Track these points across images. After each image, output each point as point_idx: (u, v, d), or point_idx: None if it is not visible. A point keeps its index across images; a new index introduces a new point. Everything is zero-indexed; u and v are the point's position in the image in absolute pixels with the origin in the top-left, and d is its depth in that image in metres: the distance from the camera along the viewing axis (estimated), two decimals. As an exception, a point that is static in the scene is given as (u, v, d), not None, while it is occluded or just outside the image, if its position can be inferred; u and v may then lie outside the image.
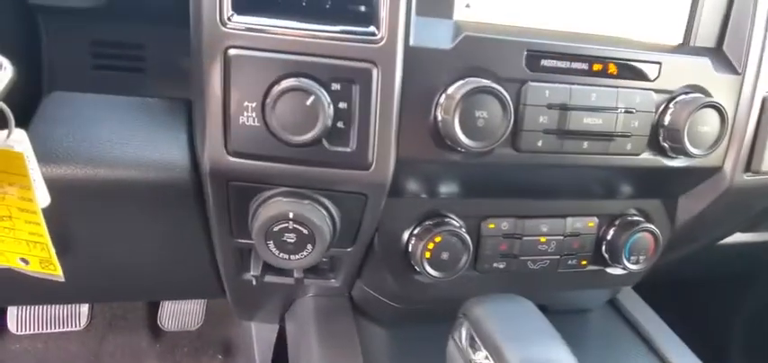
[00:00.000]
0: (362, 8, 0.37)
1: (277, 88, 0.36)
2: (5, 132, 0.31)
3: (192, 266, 0.55)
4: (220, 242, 0.47)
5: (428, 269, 0.46)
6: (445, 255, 0.46)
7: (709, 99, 0.44)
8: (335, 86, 0.37)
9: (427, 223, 0.47)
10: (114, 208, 0.45)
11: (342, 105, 0.37)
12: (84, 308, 0.99)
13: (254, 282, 0.50)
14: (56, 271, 0.36)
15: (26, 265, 0.36)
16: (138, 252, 0.52)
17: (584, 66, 0.42)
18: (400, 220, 0.47)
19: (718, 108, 0.44)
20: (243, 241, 0.46)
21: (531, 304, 0.40)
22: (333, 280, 0.54)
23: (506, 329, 0.37)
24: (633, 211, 0.53)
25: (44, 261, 0.35)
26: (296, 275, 0.49)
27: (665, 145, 0.45)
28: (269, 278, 0.51)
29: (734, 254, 0.73)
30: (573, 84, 0.42)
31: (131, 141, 0.43)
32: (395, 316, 0.56)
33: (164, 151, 0.44)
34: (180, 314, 1.04)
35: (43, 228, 0.34)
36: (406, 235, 0.48)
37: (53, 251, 0.35)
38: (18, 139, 0.31)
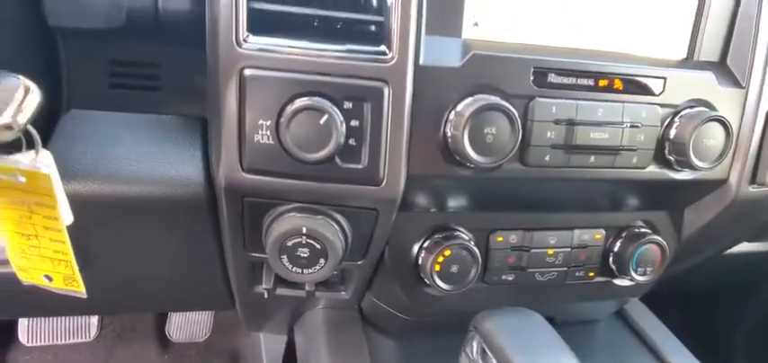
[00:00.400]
0: (373, 28, 0.38)
1: (291, 107, 0.37)
2: (33, 153, 0.32)
3: (204, 279, 0.56)
4: (233, 255, 0.48)
5: (438, 282, 0.46)
6: (455, 268, 0.46)
7: (713, 113, 0.44)
8: (347, 105, 0.38)
9: (437, 236, 0.47)
10: (130, 223, 0.46)
11: (354, 123, 0.38)
12: (94, 320, 1.00)
13: (265, 295, 0.50)
14: (79, 288, 0.37)
15: (50, 282, 0.37)
16: (151, 265, 0.53)
17: (590, 82, 0.43)
18: (410, 234, 0.48)
19: (722, 121, 0.44)
20: (256, 255, 0.46)
21: (540, 317, 0.40)
22: (343, 293, 0.55)
23: (517, 342, 0.37)
24: (640, 223, 0.54)
25: (68, 278, 0.36)
26: (307, 288, 0.50)
27: (671, 158, 0.46)
28: (280, 291, 0.52)
29: (740, 264, 0.74)
30: (579, 99, 0.42)
31: (147, 158, 0.44)
32: (404, 328, 0.57)
33: (178, 167, 0.45)
34: (188, 325, 1.05)
35: (68, 246, 0.35)
36: (415, 249, 0.48)
37: (76, 268, 0.36)
38: (45, 161, 0.32)
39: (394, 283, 0.50)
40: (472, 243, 0.47)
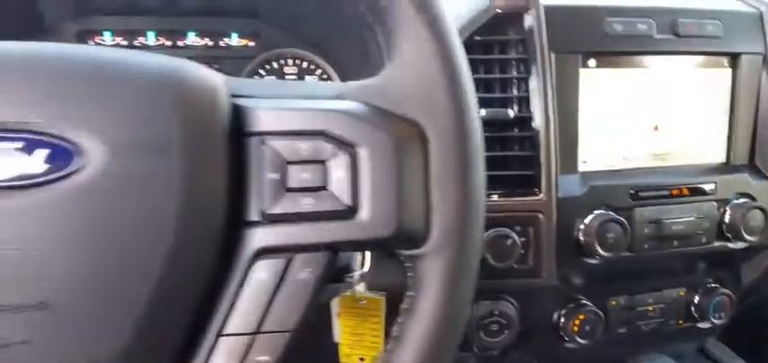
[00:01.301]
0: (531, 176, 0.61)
1: (487, 234, 0.59)
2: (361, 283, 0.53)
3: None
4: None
5: (577, 338, 0.67)
6: (588, 328, 0.67)
7: (754, 202, 0.65)
8: (518, 228, 0.60)
9: (570, 305, 0.68)
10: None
11: (522, 239, 0.60)
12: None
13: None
14: None
15: (361, 362, 0.57)
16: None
17: (668, 193, 0.64)
18: (551, 305, 0.68)
19: (761, 208, 0.65)
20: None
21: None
22: (494, 352, 0.75)
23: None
24: (710, 280, 0.73)
25: (374, 360, 0.56)
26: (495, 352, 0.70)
27: (728, 235, 0.66)
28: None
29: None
30: (662, 205, 0.64)
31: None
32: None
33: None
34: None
35: (381, 341, 0.55)
36: (556, 315, 0.69)
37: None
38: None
39: (539, 342, 0.70)
40: (596, 308, 0.68)
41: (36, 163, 0.26)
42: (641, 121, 0.67)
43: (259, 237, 0.30)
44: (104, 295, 0.27)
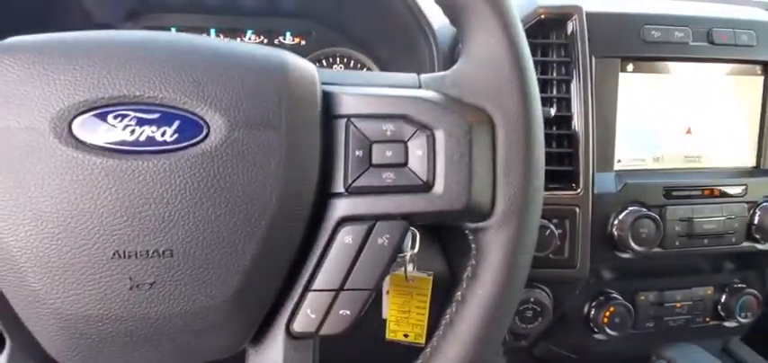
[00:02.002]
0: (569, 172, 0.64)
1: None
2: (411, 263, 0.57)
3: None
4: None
5: (607, 330, 0.70)
6: (617, 320, 0.70)
7: (782, 205, 0.68)
8: (555, 221, 0.63)
9: (601, 298, 0.71)
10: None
11: (559, 231, 0.63)
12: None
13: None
14: (422, 341, 0.61)
15: (405, 338, 0.61)
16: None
17: (700, 193, 0.67)
18: (582, 297, 0.72)
19: (789, 210, 0.68)
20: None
21: (702, 349, 0.63)
22: (523, 342, 0.78)
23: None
24: (737, 280, 0.76)
25: (417, 336, 0.60)
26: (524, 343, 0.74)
27: (757, 236, 0.69)
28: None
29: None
30: (694, 204, 0.67)
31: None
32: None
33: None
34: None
35: (425, 318, 0.59)
36: (586, 308, 0.72)
37: (425, 330, 0.60)
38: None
39: (570, 332, 0.73)
40: (625, 301, 0.71)
41: (168, 132, 0.31)
42: (675, 124, 0.70)
43: (344, 206, 0.35)
44: (218, 247, 0.32)
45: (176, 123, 0.31)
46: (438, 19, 0.70)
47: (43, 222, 0.30)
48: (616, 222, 0.65)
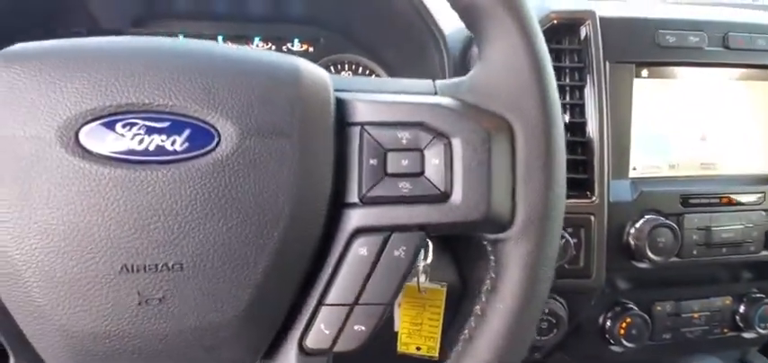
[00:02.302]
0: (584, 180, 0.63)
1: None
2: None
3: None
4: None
5: (624, 342, 0.68)
6: (634, 331, 0.68)
7: (800, 213, 0.66)
8: (570, 230, 0.62)
9: (617, 309, 0.69)
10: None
11: (574, 240, 0.62)
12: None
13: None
14: (435, 355, 0.59)
15: (418, 351, 0.60)
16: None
17: (718, 201, 0.66)
18: (597, 308, 0.70)
19: (807, 219, 0.66)
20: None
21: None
22: (536, 354, 0.77)
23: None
24: (755, 290, 0.74)
25: (430, 349, 0.59)
26: (537, 355, 0.72)
27: (776, 245, 0.67)
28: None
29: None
30: (712, 212, 0.65)
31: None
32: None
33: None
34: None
35: (439, 331, 0.58)
36: (601, 318, 0.70)
37: (439, 343, 0.59)
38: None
39: (585, 344, 0.72)
40: (642, 312, 0.69)
41: (179, 141, 0.29)
42: (690, 130, 0.68)
43: (359, 217, 0.33)
44: (229, 260, 0.30)
45: (187, 131, 0.30)
46: (448, 23, 0.69)
47: (49, 235, 0.28)
48: (632, 231, 0.63)
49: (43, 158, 0.28)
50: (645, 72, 0.66)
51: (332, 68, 0.79)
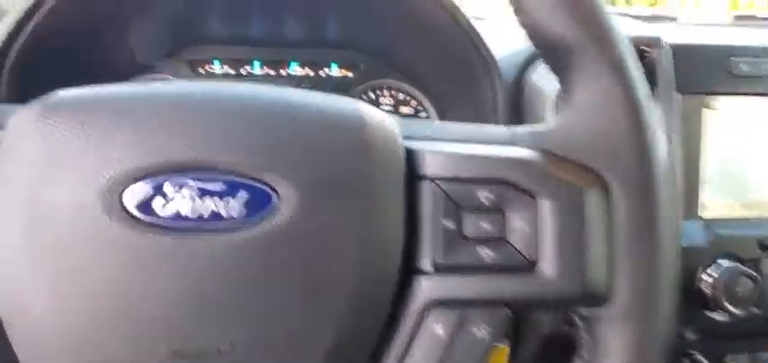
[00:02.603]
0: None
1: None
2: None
3: None
4: None
5: (695, 395, 0.62)
6: (705, 385, 0.62)
7: None
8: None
9: (685, 361, 0.63)
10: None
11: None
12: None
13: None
14: None
15: None
16: None
17: (801, 245, 0.60)
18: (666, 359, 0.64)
19: None
20: None
21: None
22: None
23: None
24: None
25: None
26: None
27: None
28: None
29: None
30: (793, 257, 0.59)
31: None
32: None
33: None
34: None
35: None
36: (667, 371, 0.64)
37: None
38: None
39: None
40: (712, 365, 0.63)
41: (234, 204, 0.26)
42: (766, 166, 0.62)
43: (432, 287, 0.29)
44: (288, 341, 0.26)
45: (242, 193, 0.26)
46: (500, 48, 0.64)
47: (85, 314, 0.25)
48: (707, 279, 0.58)
49: (84, 225, 0.25)
50: (716, 103, 0.60)
51: (371, 93, 0.76)
